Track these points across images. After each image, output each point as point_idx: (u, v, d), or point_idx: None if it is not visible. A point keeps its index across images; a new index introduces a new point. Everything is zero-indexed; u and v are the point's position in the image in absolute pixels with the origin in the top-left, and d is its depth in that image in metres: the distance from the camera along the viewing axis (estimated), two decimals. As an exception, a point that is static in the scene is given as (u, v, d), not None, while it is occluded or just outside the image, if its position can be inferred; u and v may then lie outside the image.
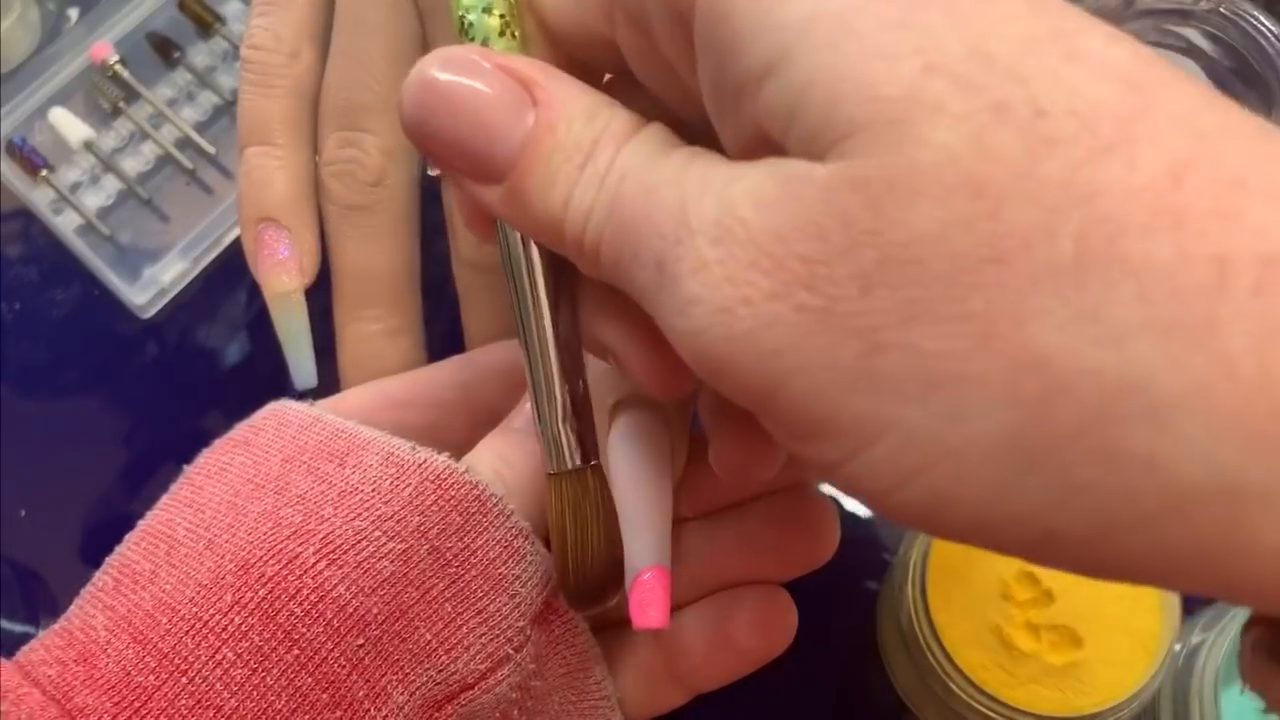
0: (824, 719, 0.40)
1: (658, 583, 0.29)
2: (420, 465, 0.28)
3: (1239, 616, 0.34)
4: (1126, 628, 0.35)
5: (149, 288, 0.46)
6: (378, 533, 0.27)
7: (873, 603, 0.41)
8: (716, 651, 0.33)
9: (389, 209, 0.36)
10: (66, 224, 0.47)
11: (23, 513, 0.43)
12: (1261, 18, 0.35)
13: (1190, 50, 0.37)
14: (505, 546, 0.29)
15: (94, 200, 0.47)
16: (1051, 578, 0.36)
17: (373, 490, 0.28)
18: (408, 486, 0.28)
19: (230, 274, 0.46)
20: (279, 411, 0.31)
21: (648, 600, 0.29)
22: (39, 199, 0.47)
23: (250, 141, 0.36)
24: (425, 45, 0.35)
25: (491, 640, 0.28)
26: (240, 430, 0.31)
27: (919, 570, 0.35)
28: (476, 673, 0.28)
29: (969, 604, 0.36)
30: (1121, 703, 0.34)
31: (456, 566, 0.28)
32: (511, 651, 0.29)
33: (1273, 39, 0.35)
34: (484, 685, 0.28)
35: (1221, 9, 0.35)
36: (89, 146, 0.48)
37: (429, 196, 0.37)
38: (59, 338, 0.47)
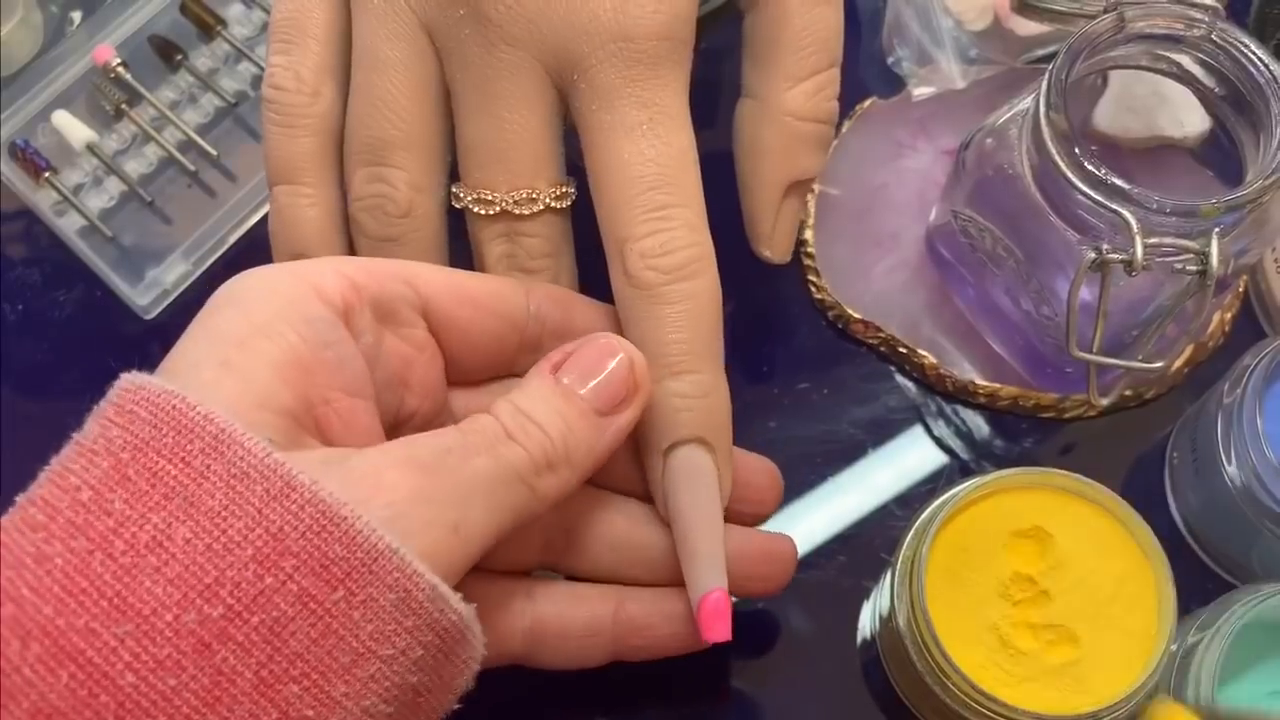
0: (823, 719, 0.40)
1: (723, 602, 0.33)
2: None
3: (1236, 618, 0.35)
4: (1123, 627, 0.35)
5: (151, 289, 0.46)
6: None
7: (871, 603, 0.41)
8: (673, 639, 0.35)
9: (419, 238, 0.36)
10: (69, 226, 0.47)
11: (25, 513, 0.43)
12: (1252, 45, 0.35)
13: (1183, 76, 0.38)
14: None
15: (96, 202, 0.47)
16: (1048, 578, 0.36)
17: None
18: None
19: (233, 275, 0.46)
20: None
21: (716, 617, 0.33)
22: (42, 201, 0.47)
23: (278, 180, 0.37)
24: (443, 83, 0.35)
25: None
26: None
27: (917, 570, 0.35)
28: None
29: (966, 604, 0.36)
30: (1118, 702, 0.34)
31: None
32: None
33: (1262, 67, 0.35)
34: None
35: (1213, 36, 0.35)
36: (91, 149, 0.48)
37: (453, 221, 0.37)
38: (61, 339, 0.47)
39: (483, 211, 0.35)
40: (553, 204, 0.35)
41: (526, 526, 0.31)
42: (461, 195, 0.36)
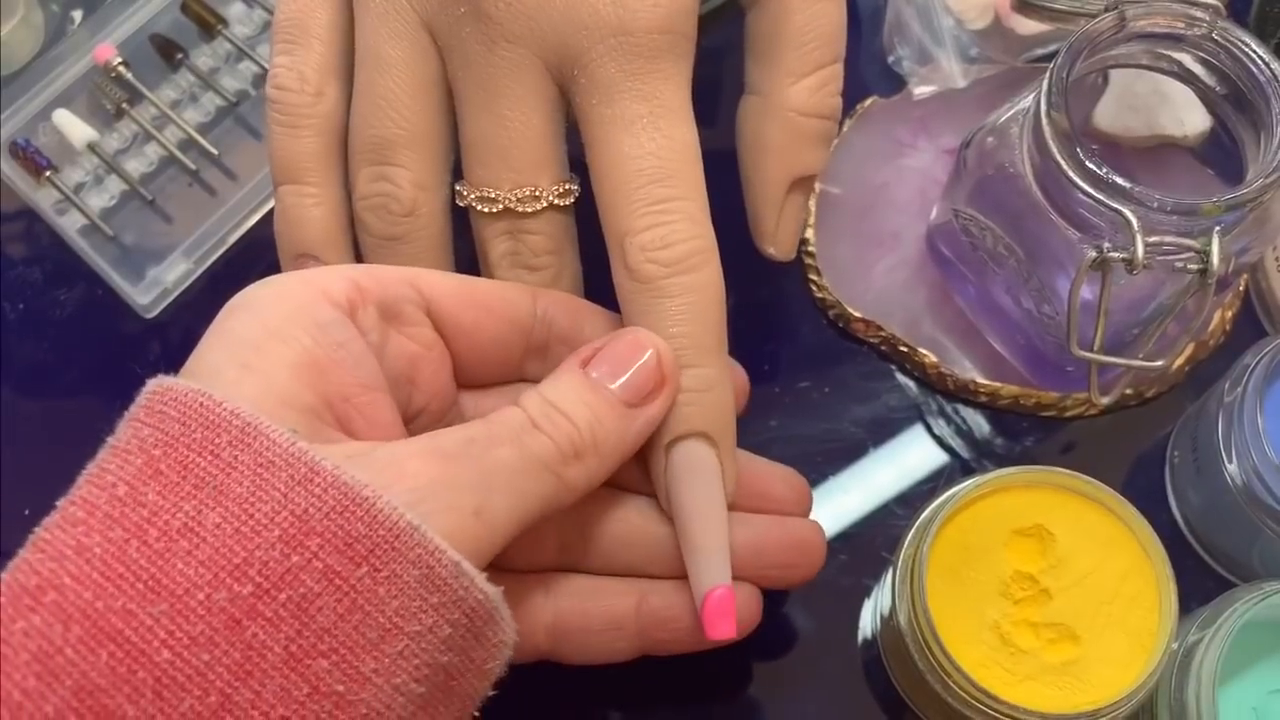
0: (824, 719, 0.40)
1: (726, 599, 0.33)
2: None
3: (1237, 616, 0.35)
4: (1124, 626, 0.35)
5: (152, 288, 0.46)
6: None
7: (872, 602, 0.41)
8: (697, 632, 0.34)
9: (423, 237, 0.36)
10: (70, 224, 0.47)
11: (26, 512, 0.43)
12: (1252, 43, 0.35)
13: (1184, 75, 0.38)
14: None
15: (97, 201, 0.47)
16: (1049, 576, 0.36)
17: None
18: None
19: (233, 274, 0.46)
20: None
21: (720, 615, 0.33)
22: (43, 200, 0.47)
23: (283, 180, 0.37)
24: (445, 82, 0.35)
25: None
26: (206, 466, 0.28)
27: (918, 569, 0.35)
28: None
29: (967, 602, 0.36)
30: (1119, 701, 0.34)
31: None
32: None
33: (1263, 66, 0.35)
34: None
35: (1214, 35, 0.35)
36: (92, 148, 0.48)
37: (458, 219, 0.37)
38: (62, 338, 0.47)
39: (486, 210, 0.35)
40: (556, 201, 0.35)
41: (541, 526, 0.31)
42: (465, 193, 0.36)
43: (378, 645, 0.26)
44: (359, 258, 0.38)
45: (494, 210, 0.35)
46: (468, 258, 0.37)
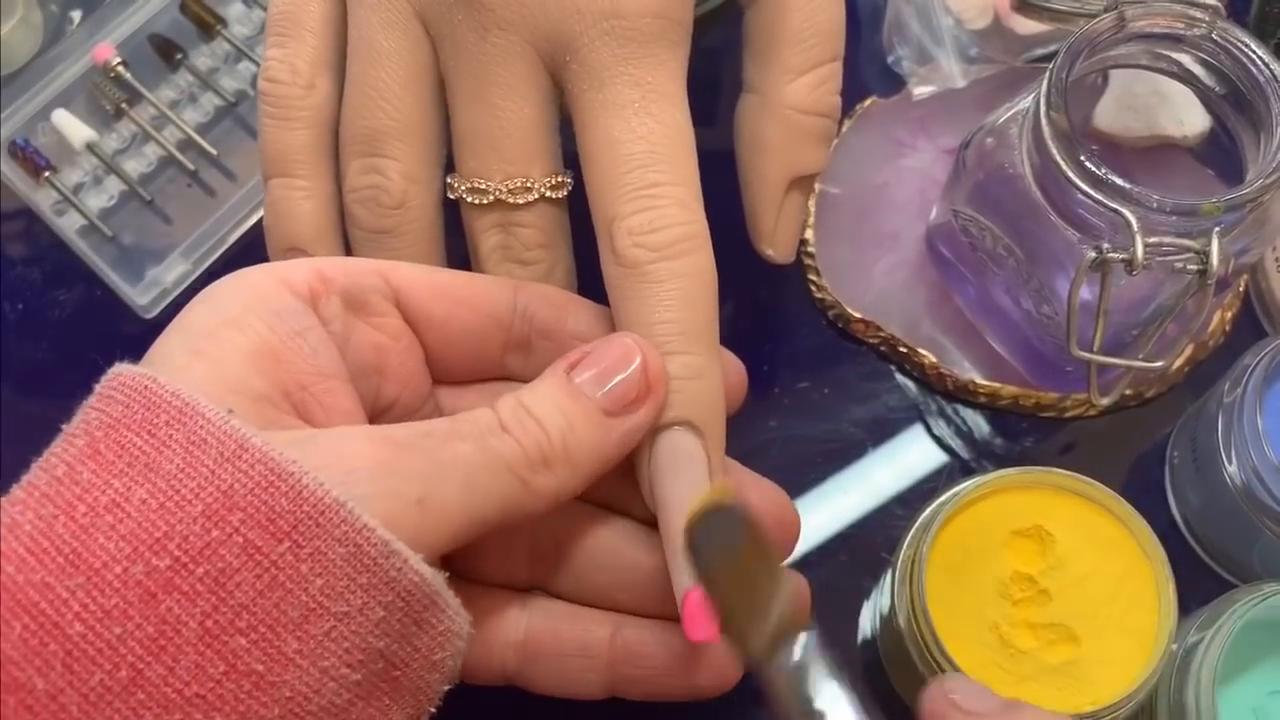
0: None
1: (707, 599, 0.31)
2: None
3: (1237, 617, 0.35)
4: (1123, 627, 0.35)
5: (151, 288, 0.46)
6: None
7: (871, 602, 0.41)
8: (670, 674, 0.33)
9: (413, 230, 0.36)
10: (69, 225, 0.47)
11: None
12: (1252, 44, 0.35)
13: (1183, 75, 0.38)
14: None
15: (96, 201, 0.47)
16: (1049, 577, 0.36)
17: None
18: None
19: (232, 275, 0.46)
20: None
21: (699, 614, 0.30)
22: (42, 200, 0.47)
23: (273, 173, 0.37)
24: (438, 72, 0.35)
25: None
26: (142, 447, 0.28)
27: (917, 570, 0.35)
28: None
29: (967, 603, 0.36)
30: (1118, 701, 0.34)
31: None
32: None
33: (1263, 66, 0.35)
34: None
35: (1214, 35, 0.35)
36: (91, 148, 0.48)
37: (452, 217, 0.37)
38: (61, 338, 0.47)
39: (476, 201, 0.35)
40: (548, 193, 0.35)
41: (512, 534, 0.30)
42: (455, 185, 0.35)
43: (301, 625, 0.26)
44: (350, 251, 0.37)
45: (485, 201, 0.35)
46: (461, 254, 0.37)
